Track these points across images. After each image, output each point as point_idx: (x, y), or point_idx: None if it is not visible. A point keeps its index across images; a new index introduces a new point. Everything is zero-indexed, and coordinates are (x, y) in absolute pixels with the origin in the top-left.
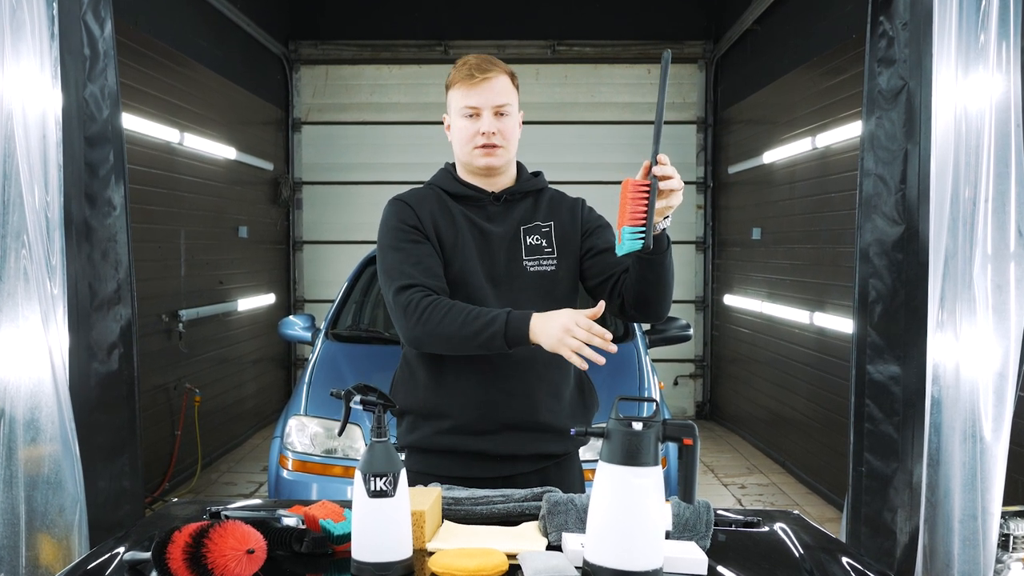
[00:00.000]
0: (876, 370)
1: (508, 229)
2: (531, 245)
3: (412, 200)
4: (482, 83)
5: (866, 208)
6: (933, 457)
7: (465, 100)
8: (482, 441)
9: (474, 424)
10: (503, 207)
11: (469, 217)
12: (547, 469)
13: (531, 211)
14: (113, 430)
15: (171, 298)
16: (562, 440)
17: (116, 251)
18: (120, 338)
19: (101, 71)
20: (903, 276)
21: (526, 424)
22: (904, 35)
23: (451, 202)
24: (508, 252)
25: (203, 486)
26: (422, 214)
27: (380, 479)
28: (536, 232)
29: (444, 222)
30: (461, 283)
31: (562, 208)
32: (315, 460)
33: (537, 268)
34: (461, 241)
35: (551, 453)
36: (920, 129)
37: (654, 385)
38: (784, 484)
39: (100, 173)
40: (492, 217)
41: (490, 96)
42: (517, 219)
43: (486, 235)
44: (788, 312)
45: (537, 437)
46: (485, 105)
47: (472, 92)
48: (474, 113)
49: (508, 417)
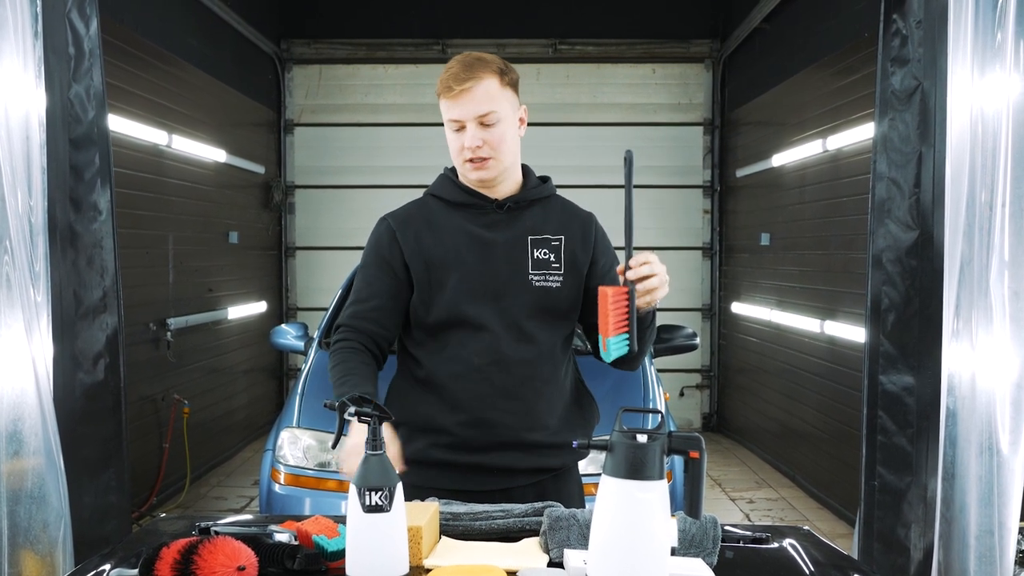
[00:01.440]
0: (889, 380)
1: (513, 238)
2: (539, 259)
3: (397, 221)
4: (461, 95)
5: (879, 213)
6: (948, 470)
7: (448, 113)
8: (478, 456)
9: (471, 441)
10: (507, 215)
11: (468, 228)
12: (544, 482)
13: (540, 221)
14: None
15: (159, 306)
16: (560, 454)
17: (102, 257)
18: (106, 347)
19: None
20: (917, 283)
21: (523, 442)
22: (918, 33)
23: (449, 213)
24: (512, 263)
25: (192, 501)
26: (405, 237)
27: (375, 493)
28: (545, 245)
29: (433, 239)
30: (457, 300)
31: (574, 223)
32: (308, 474)
33: (542, 283)
34: (457, 256)
35: (548, 467)
36: (935, 131)
37: (659, 396)
38: (794, 499)
39: (85, 176)
40: (494, 225)
41: (471, 107)
42: (525, 228)
43: (488, 245)
44: (798, 320)
45: (534, 452)
46: (467, 117)
47: (453, 105)
48: (459, 127)
49: (505, 435)
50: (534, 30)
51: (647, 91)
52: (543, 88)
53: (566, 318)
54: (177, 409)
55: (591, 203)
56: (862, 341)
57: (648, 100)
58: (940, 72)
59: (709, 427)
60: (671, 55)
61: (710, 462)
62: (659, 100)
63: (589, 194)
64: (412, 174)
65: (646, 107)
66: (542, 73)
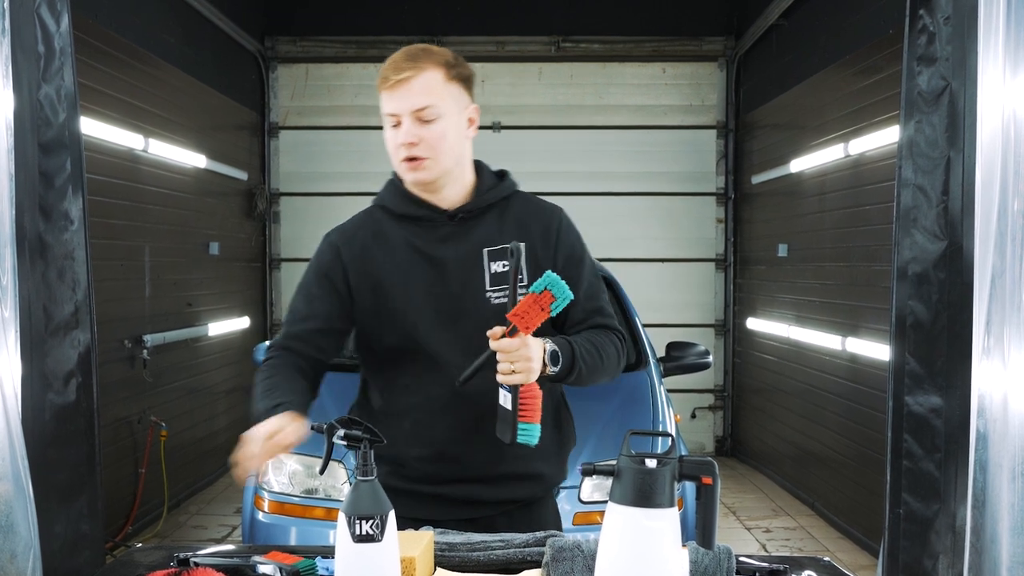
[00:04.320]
0: (915, 401)
1: (466, 253)
2: (496, 273)
3: (341, 236)
4: (397, 86)
5: (904, 222)
6: (978, 498)
7: (384, 106)
8: (441, 487)
9: (434, 475)
10: (459, 227)
11: (414, 244)
12: (511, 512)
13: (496, 230)
14: (70, 468)
15: (135, 322)
16: (531, 485)
17: (74, 270)
18: (78, 366)
19: (57, 70)
20: (945, 297)
21: (488, 475)
22: (946, 30)
23: (396, 226)
24: (466, 281)
25: (170, 530)
26: (348, 254)
27: (366, 522)
28: (503, 256)
29: (380, 255)
30: (404, 323)
31: (534, 223)
32: (294, 501)
33: (502, 299)
34: (405, 276)
35: (516, 499)
36: (964, 134)
37: (669, 418)
38: (813, 528)
39: (56, 183)
40: (446, 239)
41: (408, 99)
42: (478, 240)
43: (436, 263)
44: (818, 337)
45: (501, 485)
46: (403, 111)
47: (389, 96)
48: (395, 122)
49: (470, 470)
50: (535, 27)
51: (656, 92)
52: (545, 89)
53: (537, 334)
54: (154, 432)
55: (597, 212)
56: (886, 359)
57: (657, 102)
58: (970, 71)
59: (723, 451)
60: (682, 53)
61: (724, 488)
62: (669, 102)
63: (594, 202)
64: None
65: (655, 109)
66: (544, 73)
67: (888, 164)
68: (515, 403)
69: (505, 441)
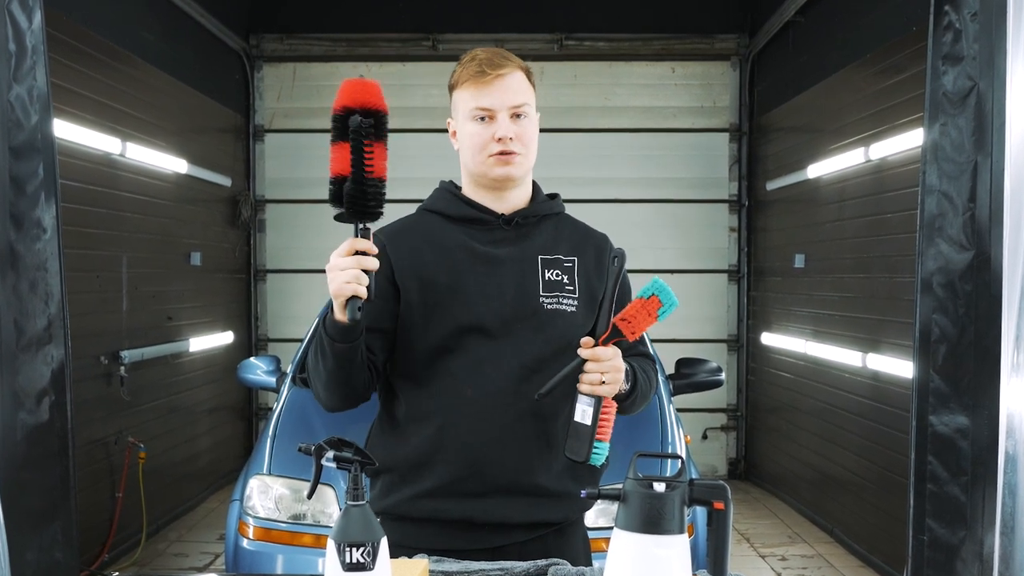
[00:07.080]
0: (940, 421)
1: (522, 257)
2: (550, 280)
3: (387, 234)
4: (496, 80)
5: (929, 231)
6: (1007, 523)
7: (476, 101)
8: (469, 506)
9: (461, 484)
10: (515, 232)
11: (468, 244)
12: (545, 537)
13: (551, 240)
14: (43, 492)
15: (111, 337)
16: (562, 505)
17: (46, 281)
18: (51, 384)
19: (29, 70)
20: (972, 311)
21: (520, 487)
22: (973, 28)
23: (449, 228)
24: (521, 285)
25: (149, 558)
26: (396, 251)
27: (357, 550)
28: (557, 267)
29: (431, 257)
30: (454, 325)
31: (588, 245)
32: (280, 527)
33: (555, 307)
34: (457, 274)
35: (548, 520)
36: (992, 138)
37: (679, 439)
38: (832, 555)
39: (28, 189)
40: (500, 242)
41: (506, 96)
42: (535, 247)
43: (493, 263)
44: (837, 353)
45: (533, 502)
46: (500, 106)
47: (484, 92)
48: (487, 116)
49: (501, 477)
50: (537, 24)
51: (665, 93)
52: (547, 89)
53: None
54: (132, 453)
55: (602, 220)
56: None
57: (667, 103)
58: (998, 71)
59: (736, 474)
60: (693, 52)
61: (737, 514)
62: (679, 103)
63: (599, 209)
64: (399, 187)
65: (664, 111)
66: (546, 72)
67: (911, 169)
68: (596, 417)
69: (578, 460)
